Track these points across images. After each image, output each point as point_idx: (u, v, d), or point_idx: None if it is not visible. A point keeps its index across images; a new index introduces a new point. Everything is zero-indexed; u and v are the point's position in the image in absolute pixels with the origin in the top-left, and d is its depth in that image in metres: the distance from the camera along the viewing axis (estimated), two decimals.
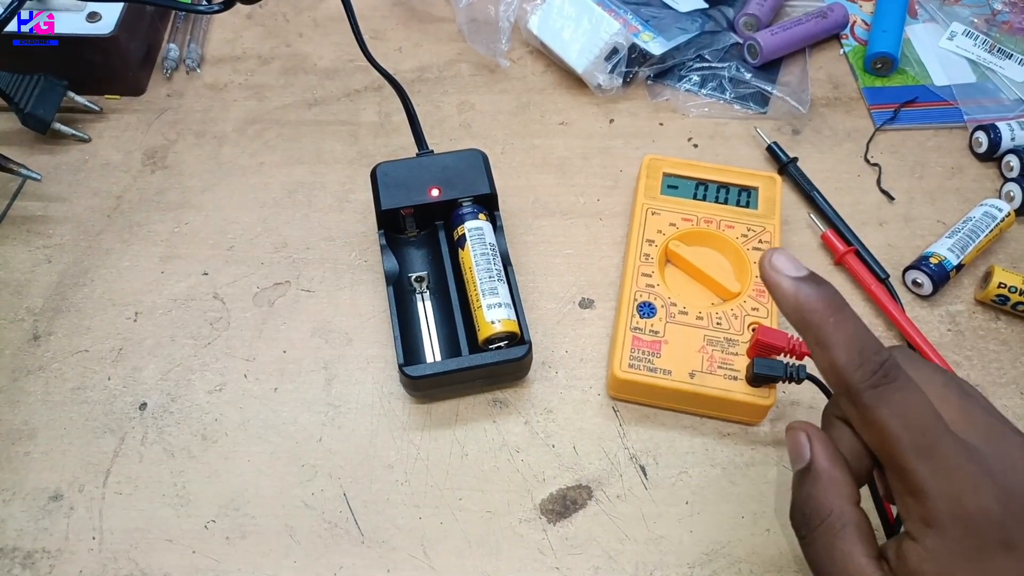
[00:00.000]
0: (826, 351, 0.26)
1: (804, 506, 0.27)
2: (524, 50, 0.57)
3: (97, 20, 0.51)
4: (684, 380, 0.39)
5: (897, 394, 0.25)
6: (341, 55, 0.57)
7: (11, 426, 0.40)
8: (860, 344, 0.25)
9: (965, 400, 0.26)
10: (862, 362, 0.25)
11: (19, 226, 0.48)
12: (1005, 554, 0.23)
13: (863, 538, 0.26)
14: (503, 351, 0.39)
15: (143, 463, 0.39)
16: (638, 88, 0.55)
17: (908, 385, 0.25)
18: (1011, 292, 0.43)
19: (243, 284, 0.46)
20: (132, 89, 0.54)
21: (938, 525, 0.24)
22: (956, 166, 0.51)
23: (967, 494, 0.24)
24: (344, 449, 0.40)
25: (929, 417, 0.25)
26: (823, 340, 0.26)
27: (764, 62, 0.55)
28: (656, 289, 0.42)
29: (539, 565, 0.36)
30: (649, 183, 0.46)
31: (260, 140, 0.52)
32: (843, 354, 0.25)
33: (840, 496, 0.27)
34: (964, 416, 0.26)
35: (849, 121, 0.53)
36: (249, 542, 0.37)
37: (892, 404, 0.25)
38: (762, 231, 0.44)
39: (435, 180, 0.43)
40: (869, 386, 0.25)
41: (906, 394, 0.25)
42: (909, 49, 0.57)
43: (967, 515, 0.24)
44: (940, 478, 0.24)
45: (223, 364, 0.42)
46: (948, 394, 0.26)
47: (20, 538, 0.37)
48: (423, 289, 0.43)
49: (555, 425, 0.40)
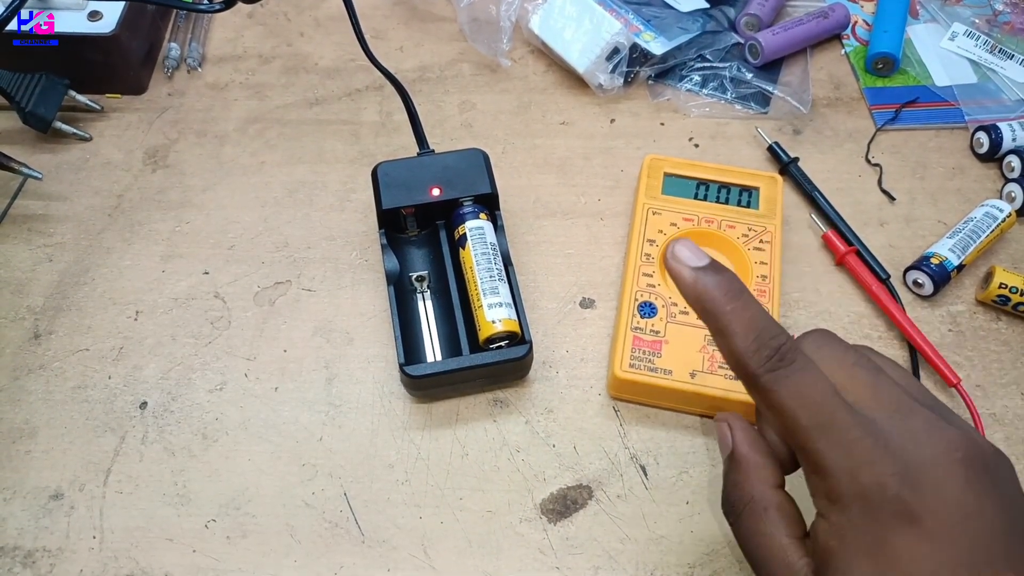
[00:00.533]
0: (725, 338, 0.26)
1: (730, 492, 0.28)
2: (525, 50, 0.57)
3: (98, 19, 0.51)
4: (685, 380, 0.39)
5: (794, 375, 0.25)
6: (342, 54, 0.57)
7: (12, 425, 0.40)
8: (757, 330, 0.26)
9: (875, 376, 0.26)
10: (759, 347, 0.26)
11: (20, 225, 0.48)
12: (906, 528, 0.23)
13: (785, 519, 0.27)
14: (504, 351, 0.39)
15: (144, 462, 0.39)
16: (639, 88, 0.55)
17: (805, 366, 0.26)
18: (1012, 292, 0.43)
19: (244, 283, 0.46)
20: (133, 88, 0.54)
21: (840, 500, 0.24)
22: (957, 166, 0.51)
23: (864, 468, 0.24)
24: (345, 448, 0.40)
25: (825, 394, 0.25)
26: (722, 328, 0.26)
27: (765, 62, 0.55)
28: (657, 289, 0.42)
29: (539, 565, 0.37)
30: (650, 183, 0.46)
31: (261, 139, 0.52)
32: (741, 341, 0.26)
33: (761, 480, 0.27)
34: (872, 392, 0.26)
35: (850, 121, 0.53)
36: (250, 541, 0.37)
37: (788, 385, 0.25)
38: (763, 231, 0.44)
39: (436, 180, 0.43)
40: (766, 370, 0.25)
41: (803, 375, 0.25)
42: (910, 49, 0.57)
43: (864, 489, 0.24)
44: (838, 454, 0.24)
45: (224, 363, 0.43)
46: (857, 372, 0.26)
47: (21, 537, 0.37)
48: (424, 288, 0.43)
49: (556, 425, 0.40)
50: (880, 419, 0.25)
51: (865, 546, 0.24)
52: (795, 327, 0.43)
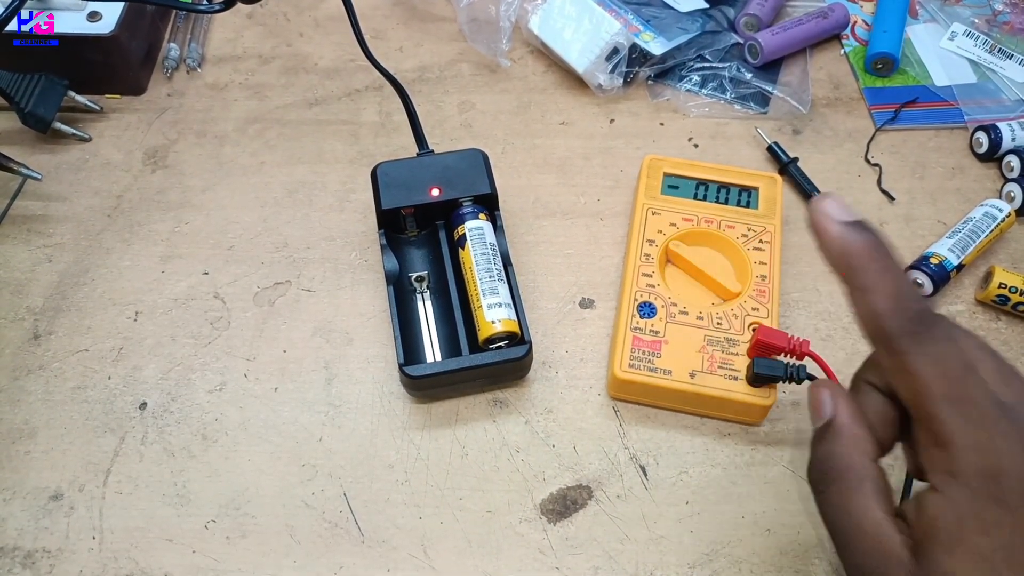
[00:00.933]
0: (866, 295, 0.26)
1: (823, 462, 0.27)
2: (525, 50, 0.57)
3: (98, 20, 0.51)
4: (684, 380, 0.39)
5: (933, 344, 0.25)
6: (342, 55, 0.57)
7: (11, 425, 0.40)
8: (901, 291, 0.25)
9: (1001, 364, 0.26)
10: (901, 309, 0.25)
11: (20, 225, 0.48)
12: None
13: (881, 494, 0.26)
14: (503, 351, 0.39)
15: (143, 462, 0.39)
16: (639, 88, 0.55)
17: (946, 335, 0.25)
18: (1011, 292, 0.43)
19: (243, 284, 0.46)
20: (133, 88, 0.54)
21: (963, 476, 0.24)
22: (957, 166, 0.51)
23: (997, 446, 0.23)
24: (344, 449, 0.40)
25: (964, 368, 0.24)
26: (865, 284, 0.26)
27: (765, 62, 0.55)
28: (656, 289, 0.42)
29: (539, 565, 0.36)
30: (650, 183, 0.46)
31: (261, 140, 0.52)
32: (883, 300, 0.25)
33: (861, 452, 0.27)
34: (1000, 377, 0.25)
35: (850, 121, 0.53)
36: (249, 542, 0.37)
37: (927, 352, 0.25)
38: (763, 231, 0.44)
39: (435, 180, 0.43)
40: (906, 332, 0.25)
41: (943, 344, 0.25)
42: (910, 49, 0.57)
43: (994, 467, 0.23)
44: (970, 429, 0.24)
45: (223, 364, 0.43)
46: (984, 356, 0.26)
47: (20, 537, 0.37)
48: (423, 289, 0.43)
49: (555, 425, 0.40)
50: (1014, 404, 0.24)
51: (983, 525, 0.23)
52: (795, 327, 0.43)
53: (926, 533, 0.24)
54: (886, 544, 0.25)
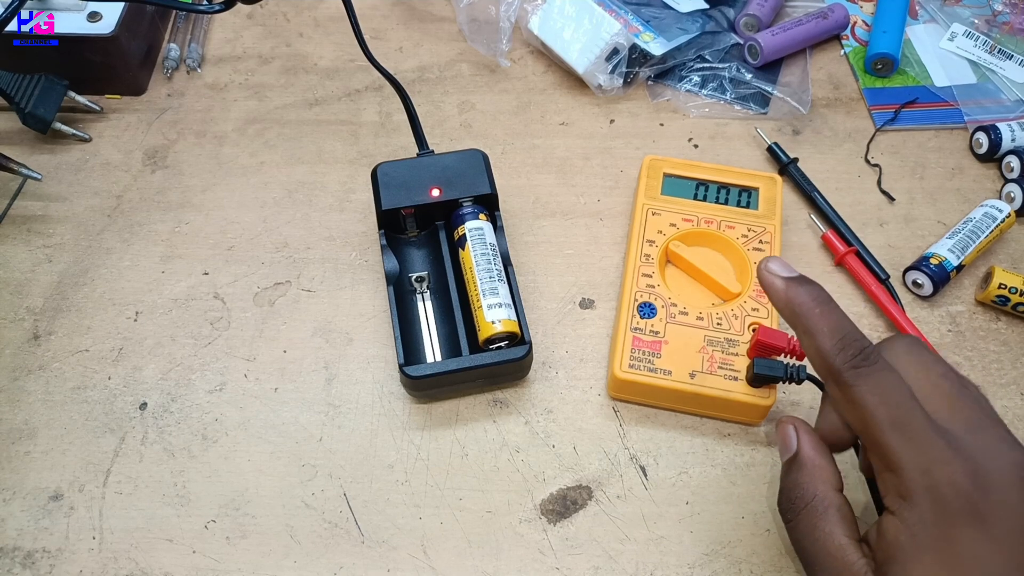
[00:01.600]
0: (812, 338, 0.29)
1: (790, 491, 0.30)
2: (525, 50, 0.57)
3: (98, 20, 0.51)
4: (684, 380, 0.39)
5: (875, 374, 0.27)
6: (341, 55, 0.57)
7: (11, 425, 0.40)
8: (842, 332, 0.28)
9: (958, 389, 0.28)
10: (843, 347, 0.28)
11: (19, 226, 0.48)
12: (973, 527, 0.24)
13: (844, 520, 0.28)
14: (503, 351, 0.39)
15: (143, 463, 0.39)
16: (639, 88, 0.55)
17: (885, 367, 0.27)
18: (1011, 293, 0.43)
19: (243, 284, 0.46)
20: (133, 89, 0.54)
21: (912, 497, 0.26)
22: (956, 167, 0.51)
23: (937, 465, 0.25)
24: (344, 449, 0.40)
25: (904, 395, 0.27)
26: (810, 329, 0.29)
27: (765, 62, 0.55)
28: (656, 289, 0.42)
29: (539, 565, 0.37)
30: (650, 183, 0.46)
31: (260, 140, 0.52)
32: (827, 340, 0.28)
33: (823, 481, 0.29)
34: (951, 404, 0.27)
35: (850, 122, 0.53)
36: (249, 542, 0.37)
37: (869, 383, 0.27)
38: (762, 232, 0.44)
39: (435, 180, 0.43)
40: (850, 367, 0.27)
41: (883, 374, 0.27)
42: (909, 50, 0.57)
43: (937, 486, 0.25)
44: (912, 450, 0.26)
45: (223, 364, 0.43)
46: (942, 383, 0.28)
47: (20, 538, 0.37)
48: (423, 289, 0.43)
49: (555, 425, 0.41)
50: (954, 428, 0.26)
51: (932, 541, 0.25)
52: None
53: (886, 554, 0.26)
54: (850, 567, 0.27)
